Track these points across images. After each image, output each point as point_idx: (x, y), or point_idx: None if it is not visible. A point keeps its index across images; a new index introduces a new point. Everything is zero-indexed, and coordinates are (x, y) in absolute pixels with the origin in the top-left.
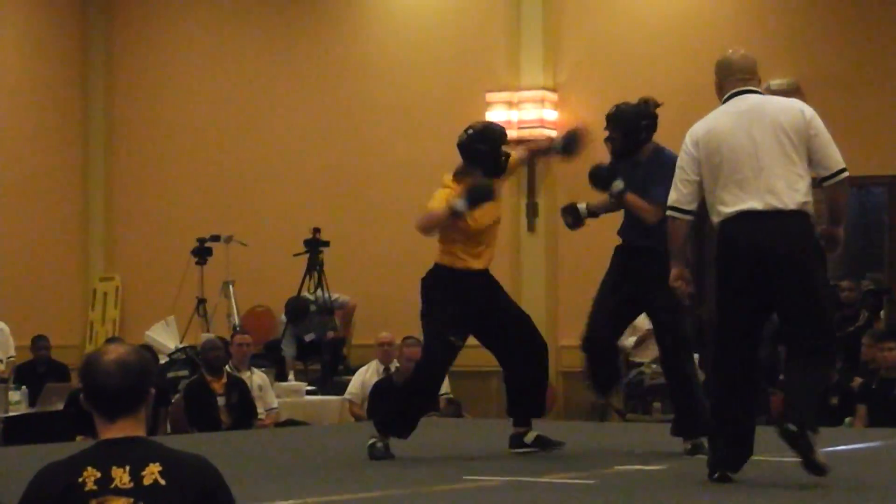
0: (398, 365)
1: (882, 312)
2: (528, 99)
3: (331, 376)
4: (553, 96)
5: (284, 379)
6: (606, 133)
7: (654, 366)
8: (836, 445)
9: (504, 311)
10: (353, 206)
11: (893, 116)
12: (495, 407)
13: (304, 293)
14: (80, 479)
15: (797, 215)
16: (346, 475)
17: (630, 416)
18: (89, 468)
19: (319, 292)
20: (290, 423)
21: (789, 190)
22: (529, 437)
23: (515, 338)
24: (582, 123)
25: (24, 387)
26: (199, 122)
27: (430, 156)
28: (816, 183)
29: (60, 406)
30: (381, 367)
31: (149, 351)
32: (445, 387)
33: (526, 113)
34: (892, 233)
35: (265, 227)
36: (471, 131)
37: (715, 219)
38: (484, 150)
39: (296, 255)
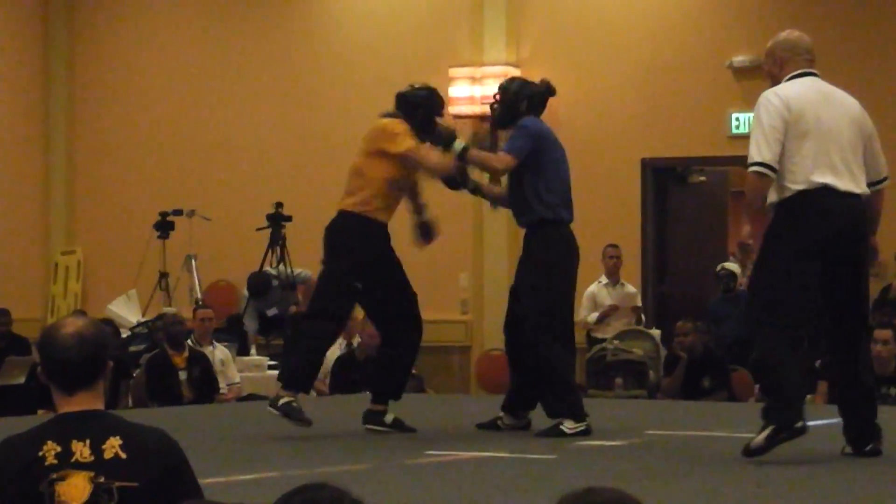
0: (360, 340)
1: None
2: (491, 74)
3: None
4: (516, 72)
5: (246, 353)
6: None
7: (616, 342)
8: None
9: (394, 274)
10: (315, 181)
11: (858, 96)
12: (457, 382)
13: (267, 268)
14: (41, 454)
15: (863, 201)
16: (308, 450)
17: (591, 391)
18: (49, 442)
19: (282, 267)
20: (252, 397)
21: (862, 177)
22: (388, 418)
23: (397, 309)
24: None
25: None
26: (162, 96)
27: None
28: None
29: (22, 380)
30: (343, 343)
31: (110, 325)
32: None
33: (489, 88)
34: None
35: (228, 201)
36: (417, 86)
37: (789, 185)
38: (421, 111)
39: (258, 229)
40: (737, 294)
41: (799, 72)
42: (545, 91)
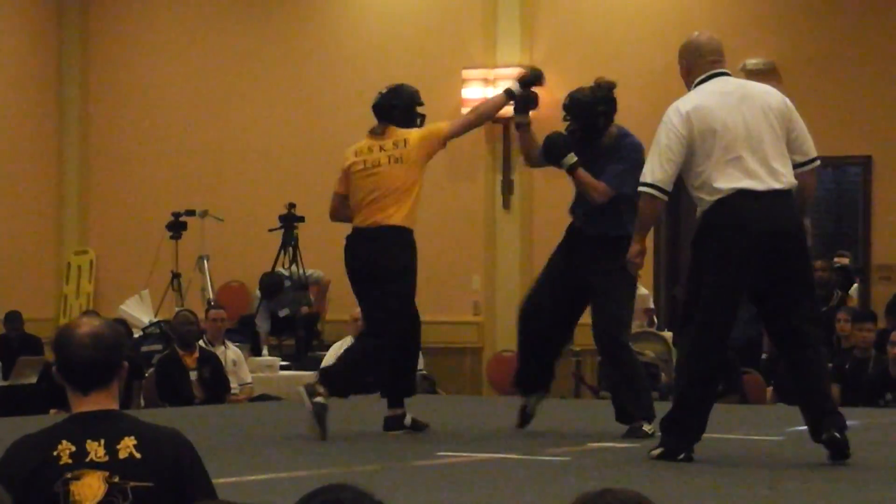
0: None
1: (855, 288)
2: (505, 76)
3: (305, 352)
4: None
5: (259, 354)
6: (567, 123)
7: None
8: None
9: None
10: (328, 182)
11: (868, 96)
12: (469, 383)
13: (279, 268)
14: (55, 453)
15: (790, 194)
16: (319, 450)
17: (604, 393)
18: (64, 441)
19: (294, 268)
20: (264, 397)
21: (784, 170)
22: (408, 420)
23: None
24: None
25: None
26: (175, 97)
27: None
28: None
29: (34, 379)
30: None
31: (123, 325)
32: (420, 363)
33: (502, 90)
34: (867, 213)
35: (240, 202)
36: (384, 90)
37: (705, 197)
38: (399, 106)
39: (271, 230)
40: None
41: (705, 76)
42: (610, 93)
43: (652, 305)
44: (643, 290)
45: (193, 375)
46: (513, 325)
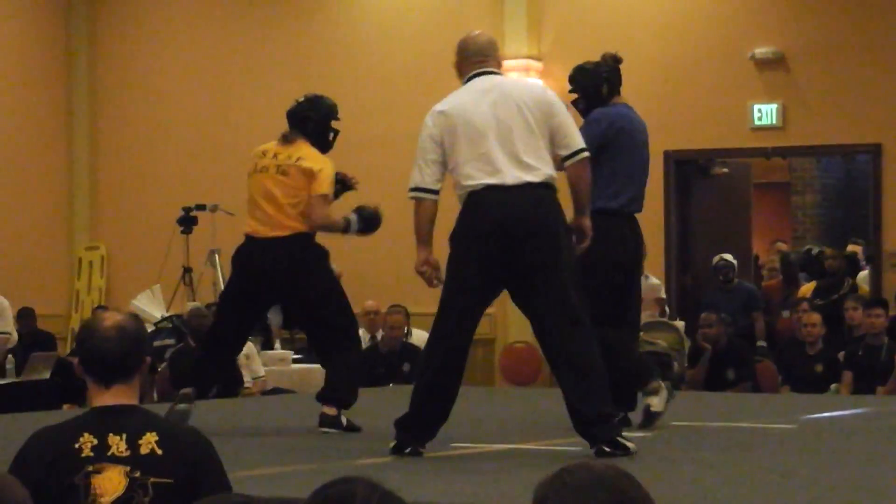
0: (383, 334)
1: (865, 275)
2: (513, 68)
3: None
4: (538, 65)
5: (271, 347)
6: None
7: (640, 333)
8: (822, 412)
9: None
10: None
11: (878, 85)
12: (481, 374)
13: None
14: (77, 445)
15: (546, 187)
16: (331, 443)
17: None
18: (86, 434)
19: None
20: (277, 391)
21: (538, 164)
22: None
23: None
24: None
25: (10, 356)
26: (185, 92)
27: (414, 126)
28: (559, 164)
29: (47, 375)
30: (368, 336)
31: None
32: None
33: None
34: (877, 200)
35: None
36: (301, 99)
37: (459, 192)
38: (313, 118)
39: None
40: (735, 285)
41: (472, 73)
42: (615, 64)
43: (664, 295)
44: (654, 280)
45: None
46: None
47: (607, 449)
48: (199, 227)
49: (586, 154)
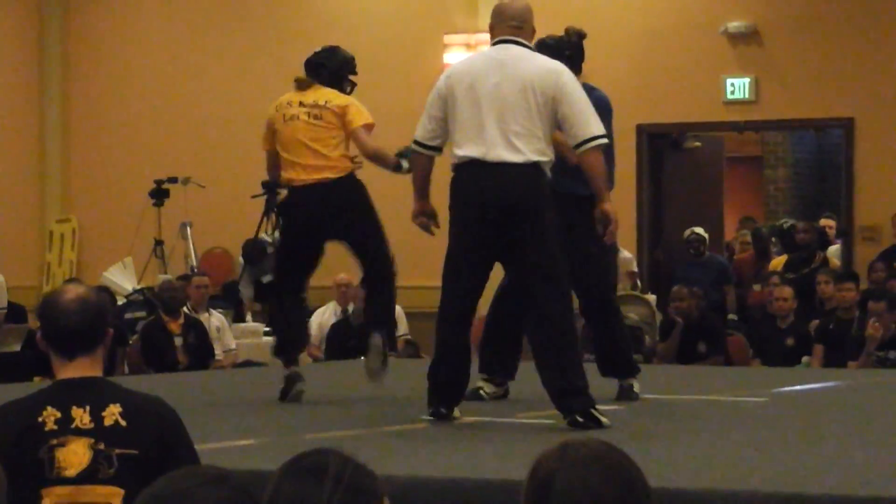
0: (355, 306)
1: (836, 249)
2: (486, 41)
3: None
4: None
5: (242, 320)
6: None
7: None
8: (793, 385)
9: None
10: None
11: (850, 59)
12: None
13: (262, 235)
14: (40, 419)
15: (526, 167)
16: (304, 415)
17: (588, 355)
18: (49, 408)
19: (277, 234)
20: (248, 364)
21: (524, 146)
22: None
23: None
24: None
25: None
26: (156, 64)
27: (389, 99)
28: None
29: (17, 347)
30: (339, 309)
31: (106, 292)
32: (404, 327)
33: None
34: (849, 175)
35: (222, 168)
36: (319, 49)
37: (452, 160)
38: (328, 67)
39: (253, 196)
40: (706, 258)
41: (499, 39)
42: (579, 41)
43: (636, 269)
44: (626, 254)
45: (178, 342)
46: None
47: (580, 419)
48: (171, 199)
49: (596, 142)
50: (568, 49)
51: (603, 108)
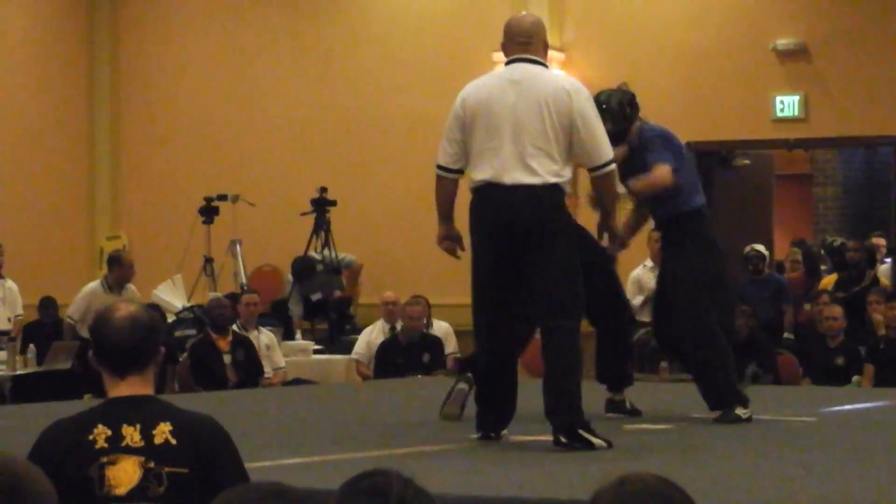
0: (403, 324)
1: (887, 268)
2: None
3: (338, 335)
4: (560, 56)
5: (292, 338)
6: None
7: None
8: (843, 405)
9: None
10: (359, 165)
11: None
12: None
13: (311, 252)
14: (91, 437)
15: (544, 189)
16: (352, 434)
17: (637, 375)
18: (100, 426)
19: (326, 252)
20: (298, 381)
21: (540, 168)
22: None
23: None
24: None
25: (31, 345)
26: (206, 81)
27: (437, 116)
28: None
29: (68, 365)
30: (387, 327)
31: (156, 310)
32: (453, 346)
33: None
34: None
35: (272, 186)
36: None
37: (470, 185)
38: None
39: (303, 214)
40: (765, 276)
41: (511, 58)
42: (631, 93)
43: None
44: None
45: (227, 359)
46: None
47: (564, 440)
48: (221, 217)
49: (608, 168)
50: (629, 105)
51: (663, 137)
